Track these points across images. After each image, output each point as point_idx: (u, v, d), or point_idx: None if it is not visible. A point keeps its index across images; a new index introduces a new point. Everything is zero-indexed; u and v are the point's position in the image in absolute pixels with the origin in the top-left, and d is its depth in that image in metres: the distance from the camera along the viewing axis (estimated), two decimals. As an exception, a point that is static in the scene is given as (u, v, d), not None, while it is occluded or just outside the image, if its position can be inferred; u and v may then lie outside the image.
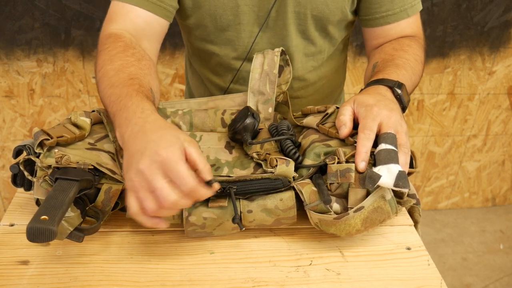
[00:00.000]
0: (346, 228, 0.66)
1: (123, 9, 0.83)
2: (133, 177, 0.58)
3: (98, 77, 0.75)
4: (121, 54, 0.76)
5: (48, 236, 0.54)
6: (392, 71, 0.80)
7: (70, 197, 0.60)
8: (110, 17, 0.84)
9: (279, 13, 0.87)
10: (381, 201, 0.65)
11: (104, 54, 0.77)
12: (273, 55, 0.84)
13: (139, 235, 0.71)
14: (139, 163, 0.57)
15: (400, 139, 0.67)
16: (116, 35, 0.80)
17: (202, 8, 0.86)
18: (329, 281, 0.64)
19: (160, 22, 0.85)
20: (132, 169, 0.58)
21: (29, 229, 0.54)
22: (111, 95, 0.69)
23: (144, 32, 0.84)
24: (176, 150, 0.58)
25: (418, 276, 0.65)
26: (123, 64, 0.74)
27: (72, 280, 0.62)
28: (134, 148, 0.60)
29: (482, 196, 2.22)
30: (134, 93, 0.68)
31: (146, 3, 0.82)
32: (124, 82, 0.70)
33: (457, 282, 1.85)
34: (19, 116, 1.72)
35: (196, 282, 0.63)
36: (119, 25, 0.82)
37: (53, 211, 0.56)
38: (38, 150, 0.66)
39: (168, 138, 0.59)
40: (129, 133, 0.62)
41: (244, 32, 0.89)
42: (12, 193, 1.90)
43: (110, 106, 0.69)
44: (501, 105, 1.95)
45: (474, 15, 1.70)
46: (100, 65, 0.76)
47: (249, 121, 0.73)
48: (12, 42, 1.56)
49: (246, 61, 0.93)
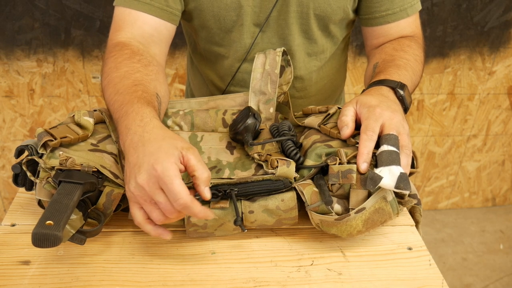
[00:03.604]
0: (347, 229, 0.66)
1: (130, 16, 0.82)
2: (134, 191, 0.60)
3: (104, 85, 0.76)
4: (127, 61, 0.77)
5: (54, 241, 0.55)
6: (393, 72, 0.80)
7: (74, 201, 0.60)
8: (117, 25, 0.83)
9: (280, 13, 0.87)
10: (382, 202, 0.65)
11: (110, 61, 0.77)
12: (275, 55, 0.83)
13: (140, 235, 0.71)
14: (137, 177, 0.59)
15: (402, 141, 0.67)
16: (123, 43, 0.80)
17: (204, 10, 0.86)
18: (331, 281, 0.64)
19: (167, 27, 0.85)
20: (132, 182, 0.60)
21: (34, 234, 0.54)
22: (115, 102, 0.70)
23: (153, 38, 0.84)
24: (172, 165, 0.59)
25: (420, 276, 0.66)
26: (128, 71, 0.75)
27: (73, 280, 0.62)
28: (133, 160, 0.61)
29: (482, 196, 2.23)
30: (135, 99, 0.68)
31: (153, 9, 0.82)
32: (128, 89, 0.71)
33: (457, 282, 1.85)
34: (19, 116, 1.72)
35: (197, 282, 0.63)
36: (127, 34, 0.82)
37: (58, 216, 0.57)
38: (41, 151, 0.66)
39: (165, 149, 0.60)
40: (129, 142, 0.63)
41: (245, 33, 0.89)
42: (12, 193, 1.90)
43: (114, 113, 0.70)
44: (501, 105, 1.95)
45: (474, 15, 1.70)
46: (106, 72, 0.76)
47: (250, 121, 0.73)
48: (12, 42, 1.56)
49: (245, 62, 0.93)
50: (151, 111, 0.67)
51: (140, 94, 0.70)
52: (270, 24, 0.89)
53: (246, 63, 0.93)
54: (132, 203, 0.62)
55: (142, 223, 0.62)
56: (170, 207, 0.60)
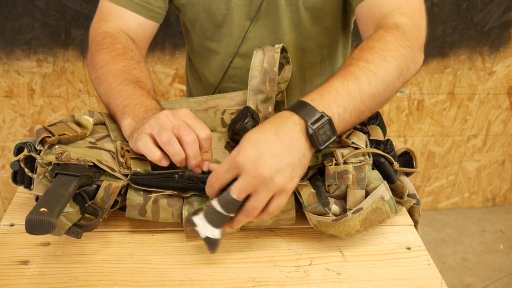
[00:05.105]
0: (345, 229, 0.66)
1: (115, 10, 0.84)
2: (151, 122, 0.64)
3: (99, 73, 0.77)
4: (121, 56, 0.79)
5: (47, 228, 0.54)
6: (328, 91, 0.62)
7: (69, 191, 0.60)
8: (102, 16, 0.86)
9: (270, 6, 0.86)
10: (380, 201, 0.65)
11: (105, 53, 0.79)
12: (273, 52, 0.82)
13: (139, 234, 0.71)
14: (159, 115, 0.65)
15: (251, 202, 0.56)
16: (113, 35, 0.82)
17: (196, 4, 0.86)
18: (329, 281, 0.64)
19: (151, 24, 0.87)
20: (152, 120, 0.64)
21: (28, 220, 0.54)
22: (121, 91, 0.73)
23: (137, 34, 0.86)
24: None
25: (418, 276, 0.65)
26: (126, 66, 0.78)
27: (72, 280, 0.62)
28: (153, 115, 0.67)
29: (482, 196, 2.22)
30: (146, 94, 0.74)
31: (138, 7, 0.84)
32: (135, 84, 0.75)
33: (457, 282, 1.85)
34: (19, 116, 1.72)
35: (196, 282, 0.63)
36: (114, 25, 0.85)
37: (52, 204, 0.56)
38: (39, 147, 0.66)
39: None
40: (148, 116, 0.69)
41: (236, 27, 0.88)
42: (12, 193, 1.90)
43: (120, 99, 0.72)
44: (501, 105, 1.95)
45: (474, 15, 1.69)
46: (101, 62, 0.78)
47: (248, 122, 0.72)
48: (12, 42, 1.56)
49: (237, 57, 0.91)
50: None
51: (147, 92, 0.75)
52: (261, 18, 0.87)
53: (238, 58, 0.92)
54: (143, 133, 0.64)
55: (150, 146, 0.63)
56: (194, 136, 0.63)
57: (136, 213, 0.67)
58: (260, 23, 0.88)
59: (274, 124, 0.59)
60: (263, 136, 0.57)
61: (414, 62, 0.70)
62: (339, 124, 0.61)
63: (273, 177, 0.55)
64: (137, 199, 0.67)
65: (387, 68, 0.66)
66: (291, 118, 0.59)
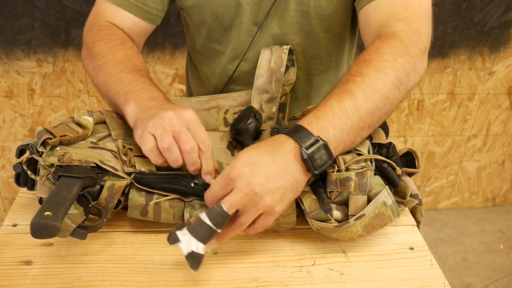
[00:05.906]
0: (347, 234, 0.66)
1: (111, 9, 0.85)
2: (156, 121, 0.63)
3: (98, 64, 0.78)
4: (120, 46, 0.80)
5: (52, 232, 0.54)
6: (323, 114, 0.62)
7: (73, 194, 0.60)
8: (98, 13, 0.86)
9: (280, 11, 0.85)
10: (382, 207, 0.65)
11: (102, 44, 0.80)
12: (281, 52, 0.81)
13: (142, 235, 0.71)
14: (163, 113, 0.63)
15: (241, 219, 0.59)
16: (109, 27, 0.84)
17: (204, 7, 0.86)
18: (332, 281, 0.64)
19: (146, 25, 0.88)
20: (156, 117, 0.63)
21: (33, 224, 0.54)
22: (122, 79, 0.73)
23: (132, 32, 0.86)
24: (196, 115, 0.66)
25: (421, 276, 0.66)
26: (125, 55, 0.78)
27: (75, 280, 0.62)
28: (155, 107, 0.66)
29: (482, 196, 2.23)
30: (148, 81, 0.74)
31: (133, 7, 0.84)
32: (136, 72, 0.75)
33: (457, 282, 1.85)
34: (19, 116, 1.72)
35: (199, 282, 0.63)
36: (108, 21, 0.85)
37: (56, 207, 0.56)
38: (41, 149, 0.66)
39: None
40: (152, 105, 0.68)
41: (244, 31, 0.88)
42: (12, 193, 1.90)
43: (121, 86, 0.72)
44: (501, 105, 1.95)
45: (474, 15, 1.70)
46: (99, 53, 0.78)
47: (251, 123, 0.72)
48: (12, 42, 1.56)
49: (243, 61, 0.91)
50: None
51: (148, 79, 0.75)
52: (269, 23, 0.87)
53: (244, 62, 0.91)
54: (146, 133, 0.63)
55: (152, 148, 0.63)
56: (193, 144, 0.62)
57: (137, 214, 0.67)
58: (268, 28, 0.87)
59: (270, 145, 0.60)
60: (258, 156, 0.58)
61: (415, 69, 0.67)
62: (337, 146, 0.62)
63: (263, 197, 0.57)
64: (139, 199, 0.66)
65: (385, 80, 0.64)
66: (286, 142, 0.60)
